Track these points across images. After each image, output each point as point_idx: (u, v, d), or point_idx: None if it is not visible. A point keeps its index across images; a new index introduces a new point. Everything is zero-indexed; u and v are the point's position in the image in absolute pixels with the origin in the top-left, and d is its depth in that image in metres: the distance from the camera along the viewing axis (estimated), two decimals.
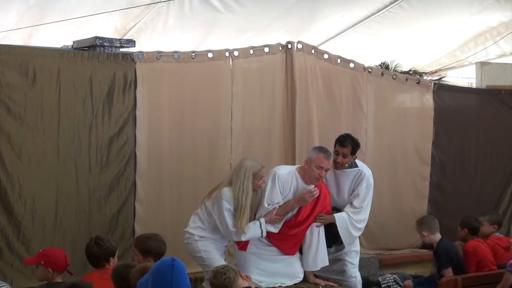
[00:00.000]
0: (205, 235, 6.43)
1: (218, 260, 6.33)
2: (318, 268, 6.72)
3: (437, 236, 7.37)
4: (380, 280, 7.82)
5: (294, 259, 6.70)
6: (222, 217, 6.27)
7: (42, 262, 5.45)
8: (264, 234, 6.40)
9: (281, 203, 6.47)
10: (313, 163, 6.43)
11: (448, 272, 7.13)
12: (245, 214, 6.24)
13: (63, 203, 6.97)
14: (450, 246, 7.40)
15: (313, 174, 6.44)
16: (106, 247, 5.67)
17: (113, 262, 5.69)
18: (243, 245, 6.51)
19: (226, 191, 6.28)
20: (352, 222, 6.75)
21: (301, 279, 6.68)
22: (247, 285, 5.03)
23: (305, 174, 6.52)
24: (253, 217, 6.41)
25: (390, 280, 7.85)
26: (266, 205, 6.42)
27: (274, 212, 6.42)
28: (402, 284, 7.76)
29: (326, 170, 6.47)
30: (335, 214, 6.72)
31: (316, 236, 6.63)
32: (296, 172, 6.57)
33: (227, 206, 6.25)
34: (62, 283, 5.37)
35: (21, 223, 6.76)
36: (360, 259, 7.32)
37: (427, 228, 7.37)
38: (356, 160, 6.92)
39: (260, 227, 6.36)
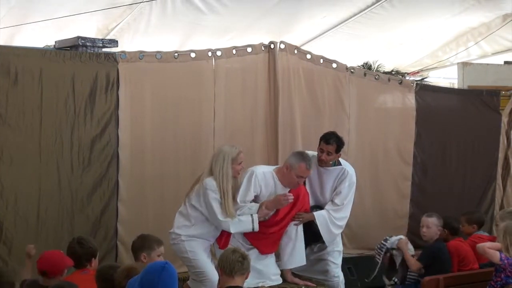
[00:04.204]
0: (192, 233, 6.40)
1: (204, 261, 6.38)
2: (294, 267, 6.75)
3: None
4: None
5: (274, 259, 6.73)
6: (210, 208, 6.28)
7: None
8: (256, 229, 6.38)
9: (252, 202, 6.47)
10: (294, 171, 6.46)
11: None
12: (229, 199, 6.27)
13: (45, 204, 6.94)
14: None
15: (292, 181, 6.51)
16: (88, 247, 5.67)
17: (94, 263, 5.68)
18: (223, 244, 6.49)
19: (209, 181, 6.29)
20: (332, 219, 6.78)
21: (281, 279, 6.69)
22: (241, 284, 5.00)
23: (284, 178, 6.55)
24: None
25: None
26: (238, 201, 6.42)
27: (264, 207, 6.40)
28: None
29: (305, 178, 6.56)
30: (314, 212, 6.75)
31: (294, 234, 6.66)
32: (274, 173, 6.60)
33: (213, 195, 6.26)
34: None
35: (3, 224, 6.71)
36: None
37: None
38: (340, 159, 6.95)
39: (252, 222, 6.37)
